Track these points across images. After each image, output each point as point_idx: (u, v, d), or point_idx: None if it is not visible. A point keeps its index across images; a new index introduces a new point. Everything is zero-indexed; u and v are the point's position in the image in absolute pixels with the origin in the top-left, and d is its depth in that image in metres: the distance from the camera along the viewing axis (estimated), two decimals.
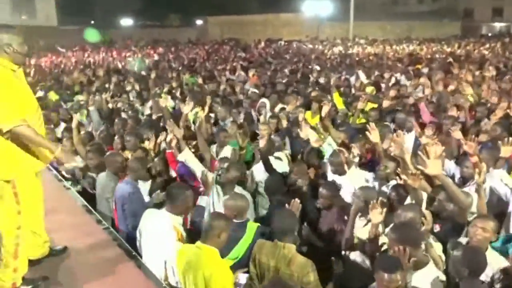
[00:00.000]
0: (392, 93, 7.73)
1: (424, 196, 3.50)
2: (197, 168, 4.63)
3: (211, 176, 4.53)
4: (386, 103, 7.04)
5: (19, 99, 2.96)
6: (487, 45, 21.63)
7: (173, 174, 5.10)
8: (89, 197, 4.81)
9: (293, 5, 36.71)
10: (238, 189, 4.21)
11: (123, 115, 7.19)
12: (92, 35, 24.72)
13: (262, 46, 24.35)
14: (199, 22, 34.27)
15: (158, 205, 4.00)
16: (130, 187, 4.16)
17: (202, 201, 4.55)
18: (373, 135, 4.39)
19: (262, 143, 4.68)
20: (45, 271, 3.43)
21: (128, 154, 5.38)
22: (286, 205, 3.46)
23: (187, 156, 4.66)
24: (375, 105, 6.96)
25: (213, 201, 4.26)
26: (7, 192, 2.99)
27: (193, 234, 3.60)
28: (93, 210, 4.48)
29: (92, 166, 5.00)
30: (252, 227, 3.54)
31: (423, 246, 2.92)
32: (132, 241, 3.76)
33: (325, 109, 5.38)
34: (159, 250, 3.34)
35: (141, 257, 3.57)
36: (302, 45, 25.86)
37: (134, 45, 27.20)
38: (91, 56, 19.80)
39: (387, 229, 3.21)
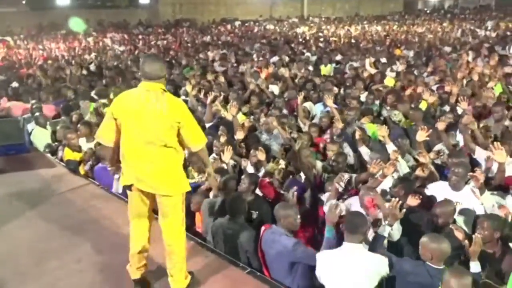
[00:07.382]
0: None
1: None
2: None
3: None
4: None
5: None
6: (445, 24, 22.81)
7: None
8: None
9: None
10: None
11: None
12: (78, 24, 22.41)
13: (229, 28, 23.88)
14: (147, 1, 32.61)
15: None
16: None
17: None
18: (498, 154, 3.83)
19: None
20: None
21: None
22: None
23: None
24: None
25: None
26: (182, 203, 3.21)
27: None
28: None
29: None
30: None
31: None
32: None
33: None
34: None
35: None
36: (265, 25, 25.78)
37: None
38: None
39: None
